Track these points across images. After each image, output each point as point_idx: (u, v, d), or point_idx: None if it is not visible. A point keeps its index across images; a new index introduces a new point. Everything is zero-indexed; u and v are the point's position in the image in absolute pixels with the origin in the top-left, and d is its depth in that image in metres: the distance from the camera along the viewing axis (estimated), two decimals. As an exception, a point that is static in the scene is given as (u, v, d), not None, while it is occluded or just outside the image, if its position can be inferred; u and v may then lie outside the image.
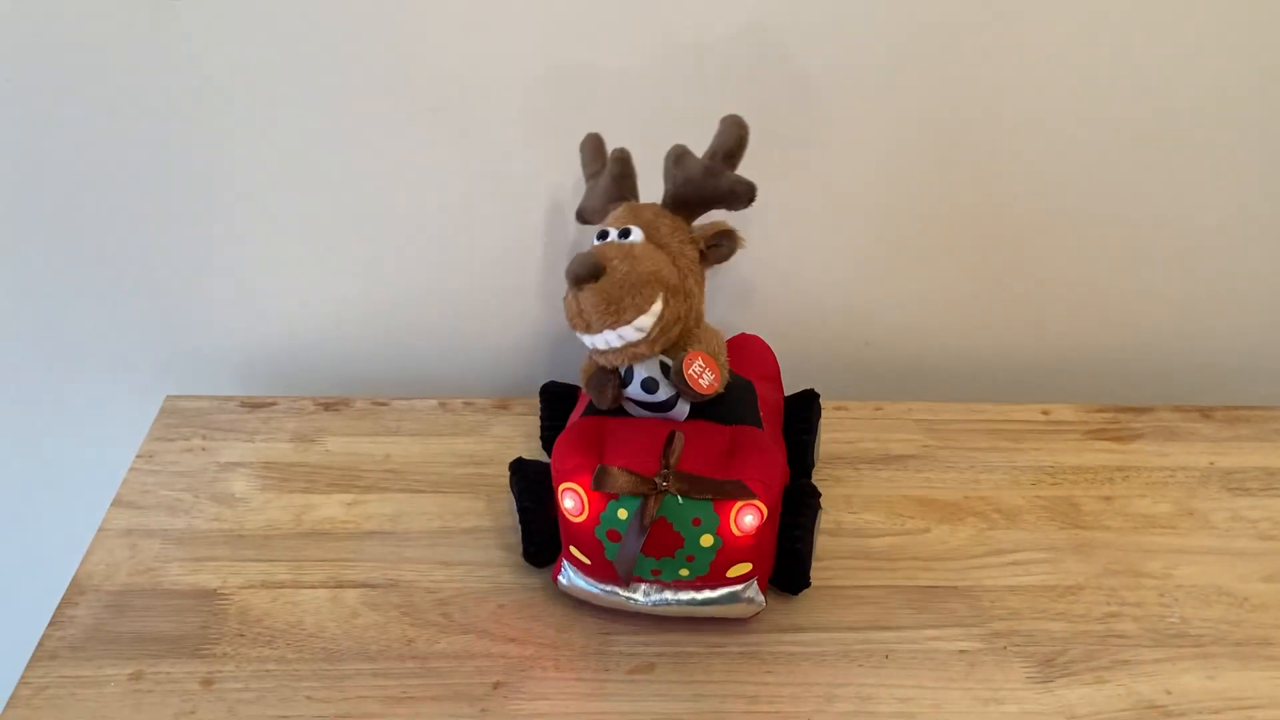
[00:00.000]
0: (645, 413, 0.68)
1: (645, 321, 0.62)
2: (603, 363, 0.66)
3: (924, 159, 0.85)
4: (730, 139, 0.65)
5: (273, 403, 0.87)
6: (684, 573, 0.64)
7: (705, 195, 0.66)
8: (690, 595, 0.65)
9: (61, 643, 0.65)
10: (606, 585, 0.66)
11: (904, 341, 0.95)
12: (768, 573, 0.67)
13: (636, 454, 0.63)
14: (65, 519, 0.97)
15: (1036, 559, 0.74)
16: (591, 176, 0.72)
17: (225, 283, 0.89)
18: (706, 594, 0.65)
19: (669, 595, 0.65)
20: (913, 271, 0.91)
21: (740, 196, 0.65)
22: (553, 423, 0.79)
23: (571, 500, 0.63)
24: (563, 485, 0.63)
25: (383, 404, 0.88)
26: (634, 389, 0.66)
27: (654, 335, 0.62)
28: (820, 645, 0.67)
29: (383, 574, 0.71)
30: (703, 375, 0.64)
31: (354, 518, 0.76)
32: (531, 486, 0.69)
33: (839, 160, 0.84)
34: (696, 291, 0.66)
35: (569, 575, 0.67)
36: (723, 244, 0.66)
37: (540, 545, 0.70)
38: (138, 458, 0.81)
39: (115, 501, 0.76)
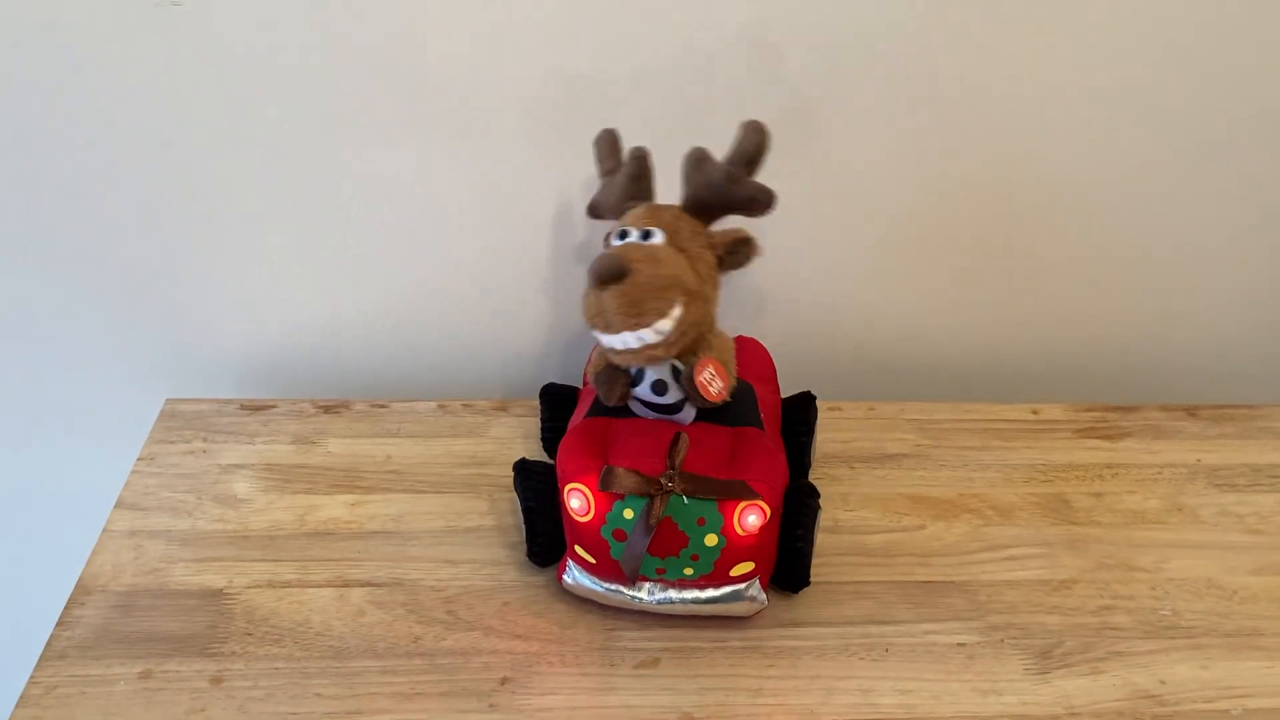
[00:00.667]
0: (651, 413, 0.69)
1: (665, 325, 0.62)
2: (617, 363, 0.66)
3: (916, 164, 0.86)
4: (751, 145, 0.65)
5: (272, 405, 0.88)
6: (688, 572, 0.64)
7: (726, 201, 0.67)
8: (694, 594, 0.66)
9: (70, 642, 0.65)
10: (611, 584, 0.67)
11: (896, 343, 0.97)
12: (769, 571, 0.68)
13: (641, 455, 0.64)
14: (68, 521, 0.97)
15: (1031, 554, 0.75)
16: (607, 173, 0.73)
17: (224, 286, 0.89)
18: (710, 592, 0.66)
19: (673, 594, 0.66)
20: (905, 275, 0.92)
21: (760, 204, 0.66)
22: (553, 424, 0.80)
23: (578, 500, 0.64)
24: (569, 485, 0.64)
25: (382, 406, 0.88)
26: (643, 389, 0.67)
27: (672, 339, 0.63)
28: (821, 639, 0.68)
29: (388, 573, 0.72)
30: (712, 383, 0.65)
31: (357, 518, 0.76)
32: (536, 486, 0.70)
33: (832, 164, 0.85)
34: (713, 296, 0.67)
35: (574, 574, 0.68)
36: (740, 251, 0.67)
37: (544, 545, 0.70)
38: (139, 460, 0.81)
39: (118, 503, 0.76)
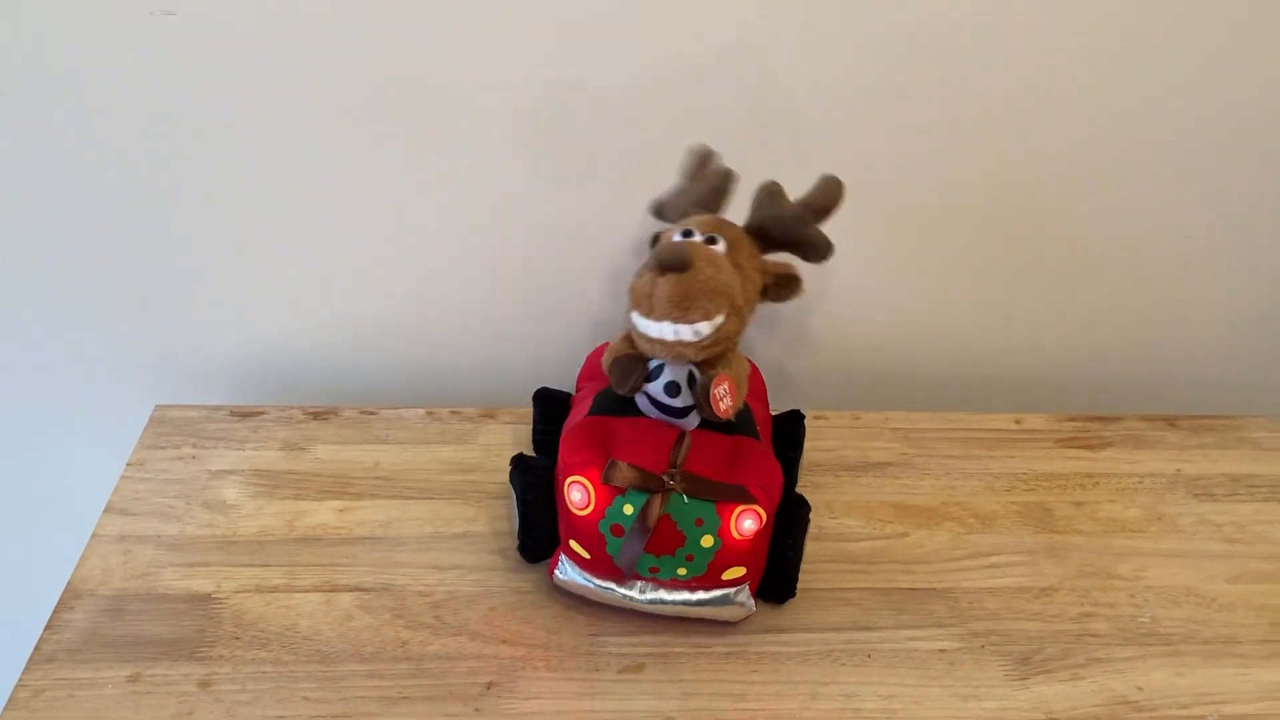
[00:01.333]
0: (655, 411, 0.69)
1: (705, 328, 0.63)
2: (645, 350, 0.66)
3: (900, 178, 0.87)
4: (828, 198, 0.68)
5: (261, 412, 0.88)
6: (681, 572, 0.65)
7: (789, 237, 0.69)
8: (685, 595, 0.67)
9: (59, 646, 0.66)
10: (604, 581, 0.67)
11: (881, 353, 0.98)
12: (758, 580, 0.69)
13: (643, 453, 0.65)
14: (57, 526, 0.97)
15: (1012, 562, 0.76)
16: (689, 179, 0.74)
17: (214, 293, 0.90)
18: (700, 595, 0.67)
19: (664, 594, 0.67)
20: (889, 286, 0.93)
21: (818, 252, 0.69)
22: (546, 428, 0.80)
23: (578, 493, 0.64)
24: (571, 478, 0.65)
25: (370, 413, 0.89)
26: (656, 387, 0.68)
27: (705, 343, 0.64)
28: (804, 645, 0.69)
29: (375, 578, 0.72)
30: (724, 399, 0.65)
31: (345, 524, 0.77)
32: (532, 480, 0.70)
33: (816, 174, 0.86)
34: (748, 318, 0.68)
35: (566, 570, 0.69)
36: (787, 286, 0.69)
37: (537, 540, 0.71)
38: (129, 466, 0.81)
39: (108, 508, 0.77)
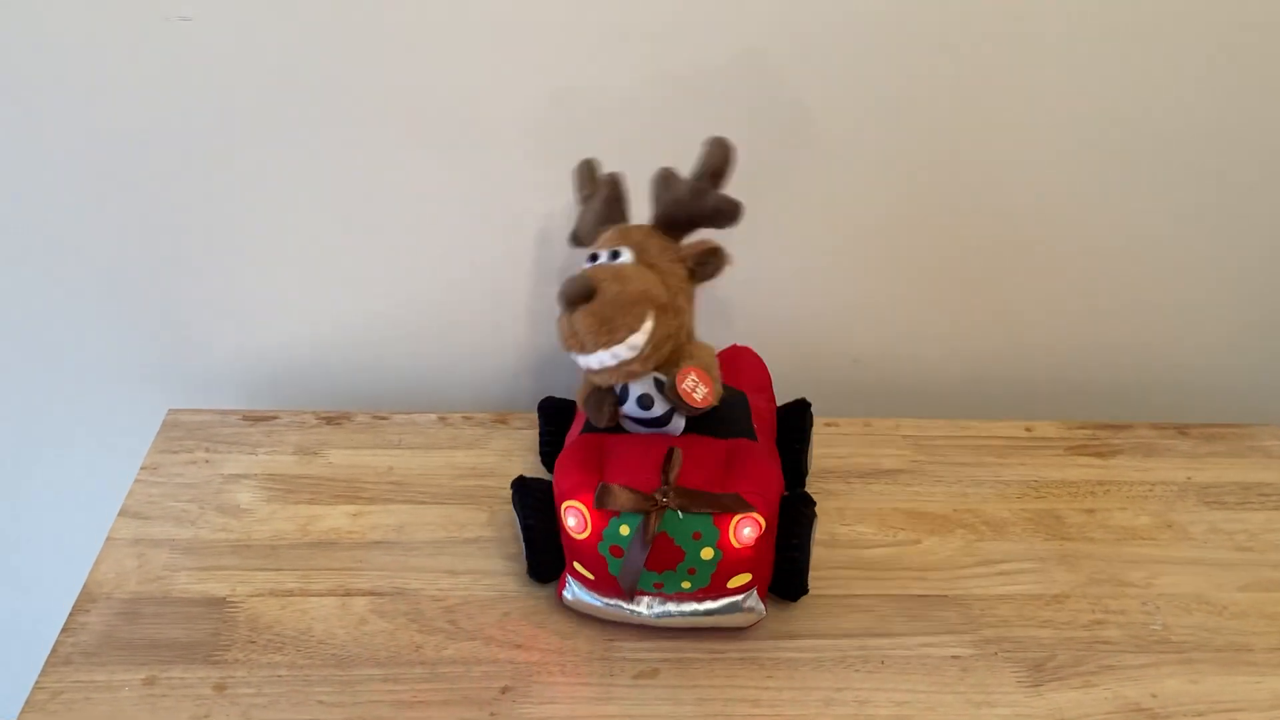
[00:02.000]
0: (643, 429, 0.69)
1: (637, 340, 0.62)
2: (598, 382, 0.67)
3: (910, 184, 0.87)
4: (716, 159, 0.66)
5: (274, 416, 0.88)
6: (685, 585, 0.65)
7: (692, 215, 0.68)
8: (692, 606, 0.67)
9: (75, 649, 0.66)
10: (610, 599, 0.67)
11: (892, 360, 0.98)
12: (767, 581, 0.69)
13: (636, 470, 0.65)
14: (72, 529, 0.97)
15: (1024, 569, 0.76)
16: (585, 200, 0.73)
17: (227, 298, 0.90)
18: (708, 604, 0.67)
19: (671, 607, 0.67)
20: (900, 291, 0.94)
21: (727, 215, 0.67)
22: (551, 437, 0.81)
23: (574, 518, 0.64)
24: (565, 504, 0.65)
25: (383, 418, 0.89)
26: (630, 406, 0.68)
27: (646, 353, 0.63)
28: (818, 651, 0.69)
29: (389, 582, 0.72)
30: (696, 389, 0.65)
31: (359, 528, 0.77)
32: (534, 504, 0.70)
33: (828, 182, 0.86)
34: (686, 308, 0.67)
35: (573, 590, 0.69)
36: (710, 262, 0.67)
37: (544, 561, 0.71)
38: (142, 470, 0.82)
39: (122, 512, 0.77)
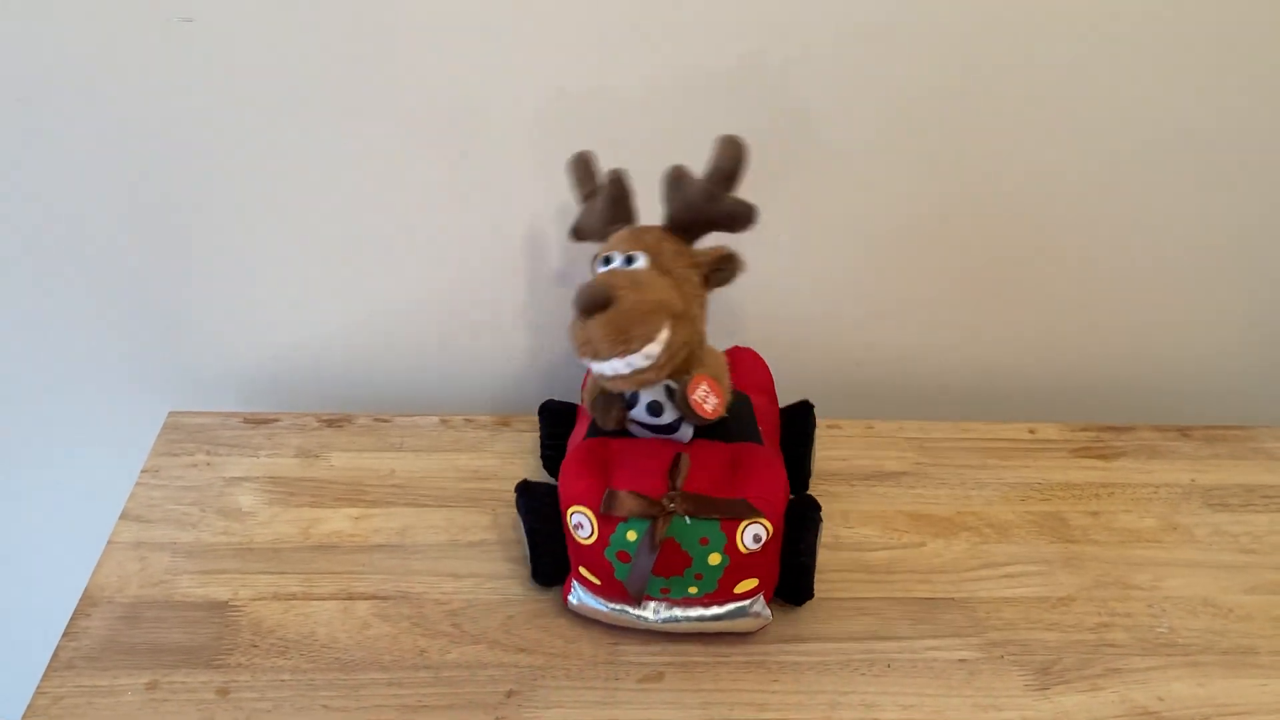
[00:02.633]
0: (649, 434, 0.69)
1: (653, 349, 0.62)
2: (611, 389, 0.66)
3: (914, 185, 0.87)
4: (728, 160, 0.63)
5: (275, 419, 0.88)
6: (692, 590, 0.65)
7: (706, 219, 0.66)
8: (699, 611, 0.66)
9: (76, 653, 0.65)
10: (616, 604, 0.67)
11: (895, 363, 0.98)
12: (773, 586, 0.69)
13: (643, 475, 0.65)
14: (73, 533, 0.97)
15: (1029, 572, 0.76)
16: (586, 197, 0.72)
17: (228, 300, 0.90)
18: (715, 610, 0.66)
19: (678, 612, 0.66)
20: (903, 295, 0.93)
21: (741, 219, 0.65)
22: (553, 441, 0.80)
23: (581, 523, 0.64)
24: (572, 509, 0.64)
25: (385, 420, 0.89)
26: (639, 412, 0.67)
27: (661, 362, 0.62)
28: (824, 655, 0.69)
29: (393, 586, 0.72)
30: (707, 400, 0.65)
31: (361, 531, 0.77)
32: (538, 508, 0.70)
33: (832, 185, 0.86)
34: (700, 315, 0.67)
35: (579, 595, 0.68)
36: (725, 269, 0.66)
37: (549, 565, 0.71)
38: (143, 473, 0.81)
39: (123, 515, 0.77)
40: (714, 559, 0.63)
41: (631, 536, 0.63)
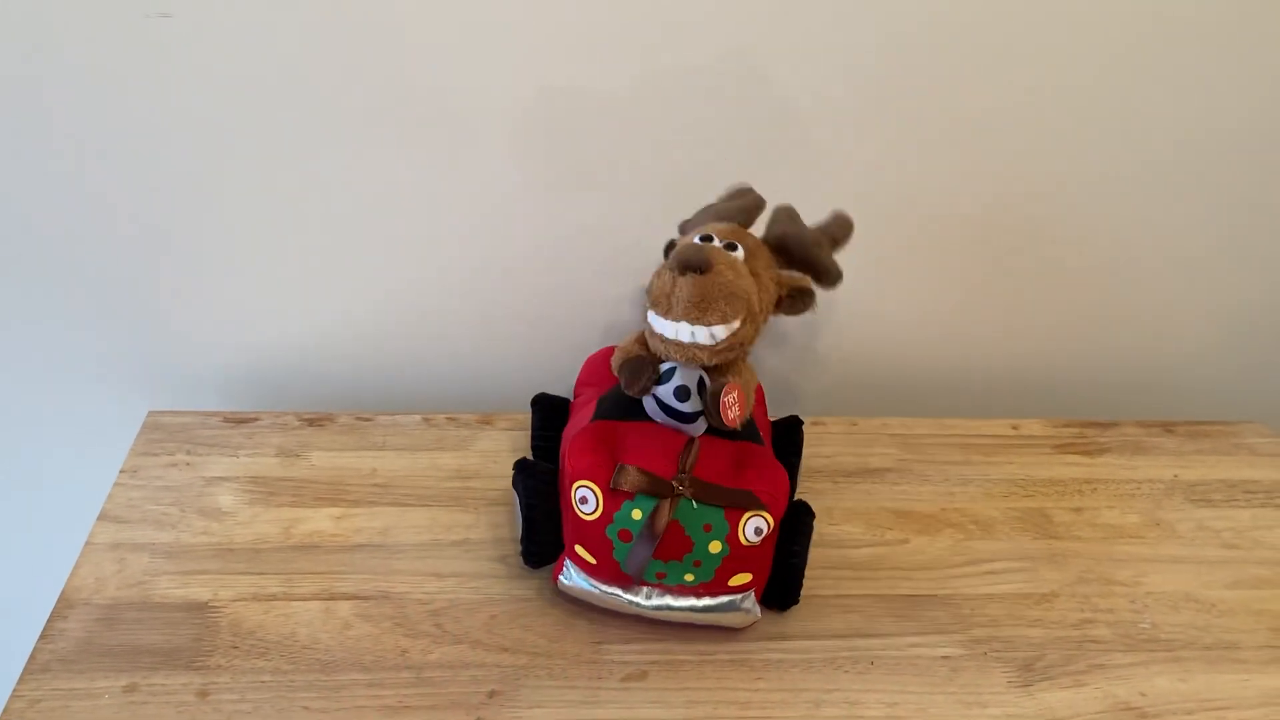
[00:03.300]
0: (663, 415, 0.69)
1: (721, 332, 0.63)
2: (658, 351, 0.66)
3: (898, 182, 0.87)
4: (843, 230, 0.71)
5: (256, 418, 0.87)
6: (689, 578, 0.65)
7: (805, 258, 0.70)
8: (690, 601, 0.66)
9: (53, 656, 0.65)
10: (609, 586, 0.67)
11: (878, 358, 0.98)
12: (763, 586, 0.69)
13: (652, 458, 0.65)
14: (50, 534, 0.96)
15: (1012, 568, 0.76)
16: (725, 199, 0.75)
17: (207, 297, 0.89)
18: (706, 601, 0.66)
19: (670, 600, 0.66)
20: (887, 291, 0.93)
21: (830, 277, 0.70)
22: (545, 433, 0.80)
23: (586, 497, 0.64)
24: (578, 483, 0.64)
25: (367, 419, 0.88)
26: (666, 390, 0.67)
27: (720, 347, 0.64)
28: (808, 653, 0.68)
29: (374, 586, 0.72)
30: (732, 408, 0.65)
31: (343, 531, 0.76)
32: (536, 485, 0.70)
33: (817, 179, 0.86)
34: (761, 327, 0.68)
35: (571, 575, 0.68)
36: (800, 299, 0.69)
37: (541, 545, 0.70)
38: (122, 473, 0.80)
39: (101, 516, 0.76)
40: (715, 547, 0.63)
41: (636, 515, 0.63)
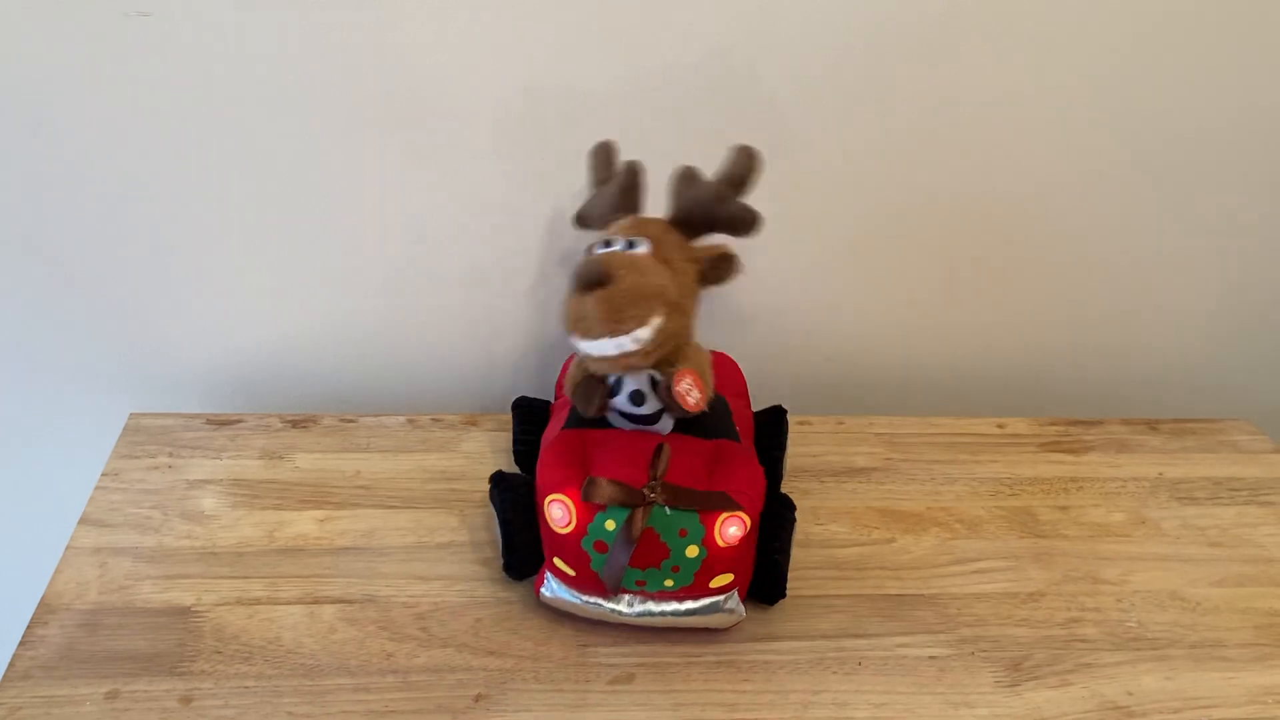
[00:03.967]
0: (628, 424, 0.69)
1: (644, 334, 0.62)
2: (594, 370, 0.66)
3: (882, 182, 0.87)
4: (742, 167, 0.67)
5: (239, 420, 0.87)
6: (668, 583, 0.64)
7: (712, 218, 0.68)
8: (673, 606, 0.66)
9: (33, 662, 0.64)
10: (590, 597, 0.66)
11: (864, 357, 0.98)
12: (746, 583, 0.69)
13: (621, 466, 0.64)
14: (30, 538, 0.95)
15: (999, 567, 0.76)
16: (599, 183, 0.73)
17: (189, 299, 0.88)
18: (689, 604, 0.66)
19: (652, 606, 0.66)
20: (872, 290, 0.93)
21: (745, 224, 0.67)
22: (525, 437, 0.80)
23: (559, 511, 0.63)
24: (550, 497, 0.64)
25: (351, 421, 0.88)
26: (621, 400, 0.67)
27: (650, 348, 0.63)
28: (795, 654, 0.68)
29: (359, 589, 0.71)
30: (690, 393, 0.65)
31: (327, 534, 0.76)
32: (513, 499, 0.69)
33: (803, 182, 0.86)
34: (692, 310, 0.67)
35: (552, 587, 0.68)
36: (723, 267, 0.68)
37: (521, 558, 0.70)
38: (103, 476, 0.80)
39: (83, 520, 0.75)
40: (691, 551, 0.63)
41: (610, 526, 0.62)
